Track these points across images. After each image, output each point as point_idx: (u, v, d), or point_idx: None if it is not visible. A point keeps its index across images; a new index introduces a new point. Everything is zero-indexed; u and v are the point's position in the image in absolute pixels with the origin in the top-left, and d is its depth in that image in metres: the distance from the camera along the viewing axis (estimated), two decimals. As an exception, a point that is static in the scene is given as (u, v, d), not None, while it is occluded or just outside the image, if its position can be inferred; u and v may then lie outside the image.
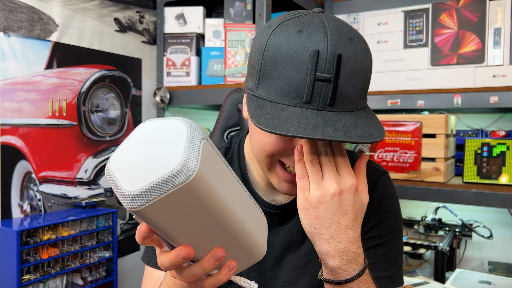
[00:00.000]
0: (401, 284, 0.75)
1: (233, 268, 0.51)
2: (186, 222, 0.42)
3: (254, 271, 0.74)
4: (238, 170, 0.79)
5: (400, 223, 0.76)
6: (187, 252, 0.46)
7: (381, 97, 1.86)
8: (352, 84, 0.58)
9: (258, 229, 0.53)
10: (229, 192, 0.44)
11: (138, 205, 0.38)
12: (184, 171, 0.37)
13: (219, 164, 0.43)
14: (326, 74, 0.56)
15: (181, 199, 0.39)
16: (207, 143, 0.40)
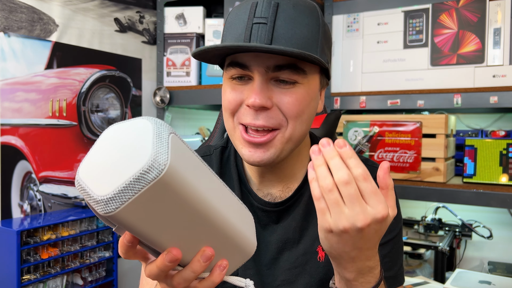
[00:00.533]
0: (402, 283, 0.75)
1: (225, 267, 0.50)
2: (167, 221, 0.40)
3: (251, 269, 0.74)
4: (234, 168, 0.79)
5: (400, 221, 0.77)
6: (174, 254, 0.44)
7: (381, 97, 1.86)
8: (291, 29, 0.62)
9: (245, 224, 0.51)
10: (206, 185, 0.43)
11: (113, 208, 0.36)
12: (155, 165, 0.36)
13: (192, 158, 0.42)
14: (262, 17, 0.62)
15: (156, 196, 0.37)
16: (175, 137, 0.39)
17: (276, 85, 0.65)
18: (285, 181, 0.76)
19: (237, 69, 0.65)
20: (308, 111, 0.68)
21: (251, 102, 0.63)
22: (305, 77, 0.65)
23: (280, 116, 0.65)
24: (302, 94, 0.65)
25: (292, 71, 0.64)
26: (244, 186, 0.78)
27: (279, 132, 0.66)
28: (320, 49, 0.66)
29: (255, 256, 0.74)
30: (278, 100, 0.64)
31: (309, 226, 0.74)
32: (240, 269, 0.74)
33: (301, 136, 0.69)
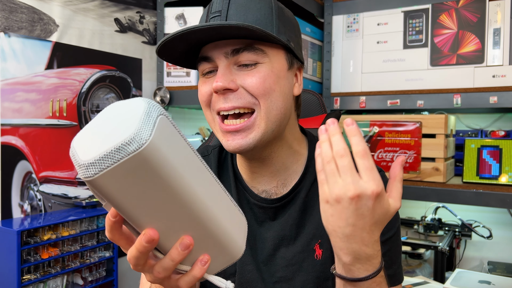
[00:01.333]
0: (401, 281, 0.76)
1: (206, 262, 0.50)
2: (145, 197, 0.42)
3: (250, 264, 0.74)
4: (231, 167, 0.80)
5: (398, 220, 0.77)
6: (150, 234, 0.44)
7: (381, 97, 1.86)
8: (243, 15, 0.66)
9: (233, 225, 0.51)
10: (191, 173, 0.44)
11: (92, 173, 0.38)
12: (136, 139, 0.38)
13: (180, 144, 0.43)
14: (216, 11, 0.67)
15: (135, 170, 0.39)
16: (165, 119, 0.41)
17: (239, 69, 0.68)
18: (278, 176, 0.76)
19: (203, 64, 0.69)
20: (278, 89, 0.69)
21: (214, 86, 0.65)
22: (266, 56, 0.68)
23: (248, 97, 0.67)
24: (266, 72, 0.67)
25: (250, 51, 0.66)
26: (240, 183, 0.78)
27: (255, 114, 0.67)
28: (276, 30, 0.68)
29: (252, 251, 0.75)
30: (242, 81, 0.67)
31: (306, 224, 0.74)
32: (238, 265, 0.74)
33: (279, 114, 0.69)
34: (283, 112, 0.70)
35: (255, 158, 0.74)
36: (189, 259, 0.50)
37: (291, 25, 0.73)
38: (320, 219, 0.73)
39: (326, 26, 2.00)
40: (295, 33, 0.74)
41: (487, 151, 1.61)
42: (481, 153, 1.61)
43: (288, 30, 0.71)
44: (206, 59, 0.69)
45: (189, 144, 0.45)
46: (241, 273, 0.74)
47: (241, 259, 0.74)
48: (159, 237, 0.45)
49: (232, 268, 0.76)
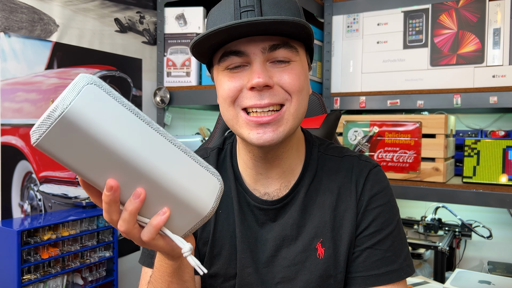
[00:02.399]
0: (411, 274, 0.74)
1: (164, 213, 0.52)
2: (87, 157, 0.48)
3: (249, 267, 0.74)
4: (230, 169, 0.79)
5: (397, 213, 0.77)
6: (109, 183, 0.49)
7: (381, 97, 1.86)
8: (277, 12, 0.65)
9: (192, 182, 0.53)
10: (128, 133, 0.48)
11: (35, 139, 0.46)
12: (60, 105, 0.45)
13: (112, 106, 0.47)
14: (248, 6, 0.65)
15: (67, 132, 0.45)
16: (93, 87, 0.46)
17: (273, 66, 0.67)
18: (284, 178, 0.76)
19: (234, 58, 0.67)
20: (306, 87, 0.71)
21: (256, 82, 0.64)
22: (297, 55, 0.69)
23: (283, 94, 0.67)
24: (299, 69, 0.68)
25: (286, 48, 0.67)
26: (240, 186, 0.78)
27: (285, 108, 0.67)
28: None
29: (253, 254, 0.74)
30: (278, 78, 0.67)
31: (306, 223, 0.74)
32: (238, 267, 0.74)
33: (304, 112, 0.71)
34: (305, 110, 0.72)
35: (267, 158, 0.74)
36: (151, 211, 0.53)
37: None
38: (321, 218, 0.74)
39: (326, 26, 2.00)
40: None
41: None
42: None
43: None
44: (237, 53, 0.67)
45: (127, 107, 0.49)
46: (241, 276, 0.74)
47: (240, 261, 0.74)
48: (118, 186, 0.50)
49: (232, 271, 0.75)
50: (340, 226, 0.74)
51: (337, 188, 0.76)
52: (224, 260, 0.76)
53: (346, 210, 0.74)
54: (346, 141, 1.82)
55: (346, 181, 0.76)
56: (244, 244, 0.75)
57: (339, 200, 0.75)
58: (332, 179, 0.76)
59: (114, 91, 0.48)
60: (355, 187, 0.75)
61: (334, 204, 0.75)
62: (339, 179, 0.76)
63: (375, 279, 0.72)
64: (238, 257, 0.75)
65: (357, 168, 0.77)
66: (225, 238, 0.76)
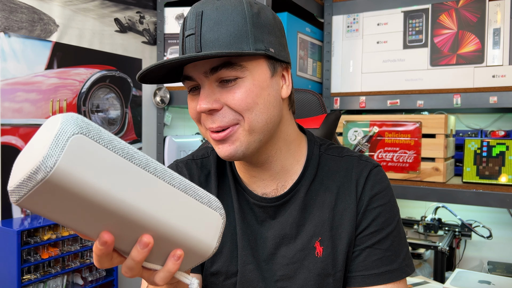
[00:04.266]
0: (410, 273, 0.74)
1: (179, 257, 0.50)
2: (78, 214, 0.42)
3: (250, 263, 0.75)
4: (229, 168, 0.80)
5: (397, 213, 0.77)
6: (104, 237, 0.45)
7: (381, 97, 1.86)
8: (216, 31, 0.66)
9: (195, 225, 0.50)
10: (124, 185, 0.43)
11: (15, 199, 0.40)
12: (42, 168, 0.38)
13: (103, 157, 0.42)
14: (190, 29, 0.67)
15: (52, 193, 0.40)
16: (81, 137, 0.40)
17: (221, 86, 0.68)
18: (278, 179, 0.76)
19: (187, 82, 0.71)
20: (262, 101, 0.69)
21: (199, 108, 0.67)
22: (245, 70, 0.67)
23: (232, 114, 0.68)
24: (248, 87, 0.67)
25: (228, 68, 0.66)
26: (239, 185, 0.79)
27: (238, 126, 0.68)
28: (253, 40, 0.67)
29: (253, 251, 0.75)
30: (225, 99, 0.67)
31: (306, 222, 0.75)
32: (240, 264, 0.75)
33: (265, 126, 0.70)
34: (269, 122, 0.70)
35: (253, 163, 0.75)
36: (159, 256, 0.50)
37: (269, 27, 0.71)
38: (320, 217, 0.74)
39: (326, 26, 2.00)
40: (276, 34, 0.72)
41: None
42: None
43: (266, 34, 0.70)
44: (187, 78, 0.70)
45: (121, 153, 0.43)
46: (242, 273, 0.75)
47: (242, 258, 0.75)
48: (113, 240, 0.45)
49: (233, 268, 0.76)
50: (339, 225, 0.74)
51: (336, 187, 0.76)
52: (225, 258, 0.77)
53: (346, 209, 0.75)
54: (346, 141, 1.82)
55: (346, 180, 0.76)
56: (244, 241, 0.75)
57: (338, 200, 0.75)
58: (332, 179, 0.77)
59: (103, 132, 0.42)
60: (355, 187, 0.75)
61: (333, 203, 0.75)
62: (339, 179, 0.77)
63: (375, 278, 0.72)
64: (239, 254, 0.75)
65: (357, 168, 0.77)
66: (226, 236, 0.77)
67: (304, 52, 1.90)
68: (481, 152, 1.62)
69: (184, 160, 0.84)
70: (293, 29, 1.81)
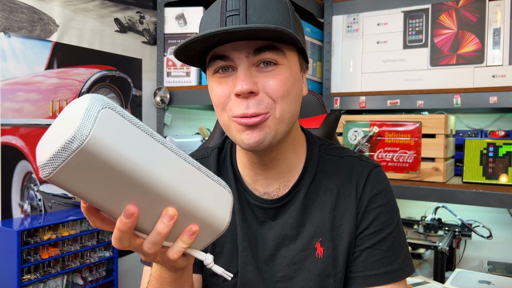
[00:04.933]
0: (410, 274, 0.75)
1: (194, 232, 0.51)
2: (106, 187, 0.44)
3: (250, 264, 0.75)
4: (230, 168, 0.80)
5: (397, 213, 0.77)
6: (130, 209, 0.46)
7: (381, 97, 1.86)
8: (263, 15, 0.64)
9: (210, 199, 0.53)
10: (148, 158, 0.45)
11: (47, 173, 0.42)
12: (78, 136, 0.40)
13: (130, 131, 0.45)
14: (233, 10, 0.64)
15: (86, 164, 0.42)
16: (109, 111, 0.43)
17: (258, 70, 0.67)
18: (282, 178, 0.76)
19: (219, 62, 0.67)
20: (293, 92, 0.69)
21: (239, 89, 0.64)
22: (285, 58, 0.67)
23: (268, 101, 0.67)
24: (285, 74, 0.67)
25: (272, 51, 0.66)
26: (240, 185, 0.79)
27: (270, 114, 0.67)
28: (294, 31, 0.68)
29: (254, 252, 0.75)
30: (263, 84, 0.66)
31: (306, 223, 0.75)
32: (240, 265, 0.75)
33: (292, 116, 0.70)
34: (295, 114, 0.70)
35: (263, 159, 0.74)
36: (172, 235, 0.52)
37: (301, 27, 0.73)
38: (320, 218, 0.74)
39: (326, 26, 2.00)
40: (303, 34, 0.74)
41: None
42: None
43: (300, 32, 0.71)
44: (222, 57, 0.67)
45: (143, 129, 0.46)
46: (242, 274, 0.75)
47: (242, 259, 0.75)
48: (138, 213, 0.47)
49: (233, 268, 0.76)
50: (340, 226, 0.74)
51: (336, 188, 0.76)
52: (225, 259, 0.76)
53: (346, 210, 0.75)
54: (346, 141, 1.82)
55: (346, 181, 0.76)
56: (245, 242, 0.75)
57: (339, 200, 0.75)
58: (332, 179, 0.77)
59: (127, 112, 0.45)
60: (355, 187, 0.75)
61: (334, 204, 0.75)
62: (339, 179, 0.77)
63: (375, 279, 0.72)
64: (240, 254, 0.75)
65: (357, 168, 0.77)
66: (227, 237, 0.77)
67: (304, 52, 1.90)
68: (487, 153, 1.61)
69: None
70: (293, 29, 1.81)
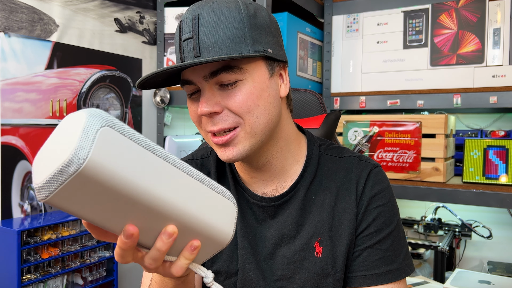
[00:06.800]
0: (410, 273, 0.75)
1: (196, 247, 0.51)
2: (105, 207, 0.43)
3: (251, 262, 0.75)
4: (229, 168, 0.81)
5: (397, 213, 0.77)
6: (130, 230, 0.45)
7: (381, 97, 1.86)
8: (214, 35, 0.65)
9: (214, 214, 0.52)
10: (149, 176, 0.44)
11: (44, 196, 0.40)
12: (75, 160, 0.38)
13: (130, 149, 0.43)
14: (187, 33, 0.66)
15: (83, 186, 0.40)
16: (108, 130, 0.40)
17: (221, 89, 0.67)
18: (278, 179, 0.77)
19: (187, 86, 0.70)
20: (262, 103, 0.69)
21: (199, 111, 0.67)
22: (245, 72, 0.67)
23: (233, 117, 0.67)
24: (248, 89, 0.67)
25: (228, 72, 0.66)
26: (239, 184, 0.79)
27: (239, 129, 0.68)
28: (251, 41, 0.67)
29: (253, 250, 0.75)
30: (225, 102, 0.67)
31: (305, 222, 0.75)
32: (240, 264, 0.75)
33: (266, 127, 0.70)
34: (270, 122, 0.70)
35: (253, 165, 0.75)
36: (174, 250, 0.51)
37: (266, 28, 0.71)
38: (319, 217, 0.74)
39: (326, 26, 2.00)
40: (272, 34, 0.72)
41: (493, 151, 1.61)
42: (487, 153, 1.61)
43: (264, 35, 0.69)
44: (187, 82, 0.69)
45: (144, 146, 0.44)
46: (242, 272, 0.75)
47: (242, 258, 0.75)
48: (138, 232, 0.46)
49: (234, 267, 0.76)
50: (339, 225, 0.74)
51: (336, 188, 0.76)
52: (225, 257, 0.77)
53: (345, 209, 0.75)
54: (346, 141, 1.82)
55: (345, 181, 0.76)
56: (244, 241, 0.75)
57: (338, 200, 0.75)
58: (332, 179, 0.77)
59: (126, 127, 0.43)
60: (355, 187, 0.76)
61: (333, 204, 0.75)
62: (339, 179, 0.77)
63: (375, 278, 0.72)
64: (240, 253, 0.75)
65: (357, 168, 0.77)
66: None
67: (304, 52, 1.90)
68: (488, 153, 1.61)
69: (184, 160, 0.84)
70: (293, 29, 1.81)
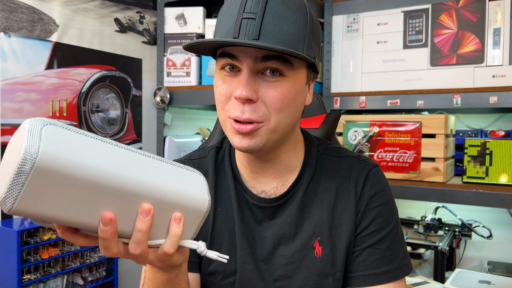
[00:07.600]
0: (409, 272, 0.75)
1: (179, 218, 0.51)
2: (74, 200, 0.43)
3: (250, 263, 0.75)
4: (229, 167, 0.80)
5: (396, 212, 0.78)
6: (107, 217, 0.45)
7: (381, 97, 1.86)
8: (278, 25, 0.64)
9: (182, 183, 0.53)
10: (105, 160, 0.45)
11: (10, 204, 0.40)
12: (28, 157, 0.39)
13: (79, 140, 0.44)
14: (251, 13, 0.64)
15: (45, 182, 0.41)
16: (52, 127, 0.42)
17: (262, 78, 0.66)
18: (280, 177, 0.77)
19: (227, 59, 0.67)
20: (293, 105, 0.69)
21: (238, 94, 0.65)
22: (292, 70, 0.67)
23: (264, 110, 0.67)
24: (288, 88, 0.67)
25: (280, 61, 0.65)
26: (239, 184, 0.79)
27: (263, 124, 0.67)
28: (307, 45, 0.67)
29: (252, 250, 0.75)
30: (263, 93, 0.66)
31: (304, 222, 0.75)
32: (239, 264, 0.75)
33: (287, 128, 0.70)
34: (291, 125, 0.71)
35: (260, 159, 0.75)
36: (159, 231, 0.52)
37: (318, 37, 0.72)
38: (319, 217, 0.75)
39: (326, 26, 2.00)
40: (319, 45, 0.73)
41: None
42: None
43: (316, 43, 0.70)
44: (230, 56, 0.67)
45: (93, 136, 0.46)
46: (241, 272, 0.75)
47: (241, 258, 0.75)
48: (115, 217, 0.46)
49: (232, 267, 0.76)
50: (338, 225, 0.74)
51: (335, 187, 0.76)
52: None
53: (345, 209, 0.75)
54: (346, 141, 1.82)
55: (344, 181, 0.76)
56: (243, 241, 0.75)
57: (337, 200, 0.75)
58: (331, 179, 0.77)
59: (71, 126, 0.45)
60: (354, 187, 0.76)
61: (332, 204, 0.75)
62: (338, 179, 0.77)
63: (375, 278, 0.72)
64: (238, 253, 0.75)
65: (356, 168, 0.77)
66: (224, 235, 0.77)
67: (304, 52, 1.90)
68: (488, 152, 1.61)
69: (181, 160, 0.84)
70: (293, 29, 1.81)
